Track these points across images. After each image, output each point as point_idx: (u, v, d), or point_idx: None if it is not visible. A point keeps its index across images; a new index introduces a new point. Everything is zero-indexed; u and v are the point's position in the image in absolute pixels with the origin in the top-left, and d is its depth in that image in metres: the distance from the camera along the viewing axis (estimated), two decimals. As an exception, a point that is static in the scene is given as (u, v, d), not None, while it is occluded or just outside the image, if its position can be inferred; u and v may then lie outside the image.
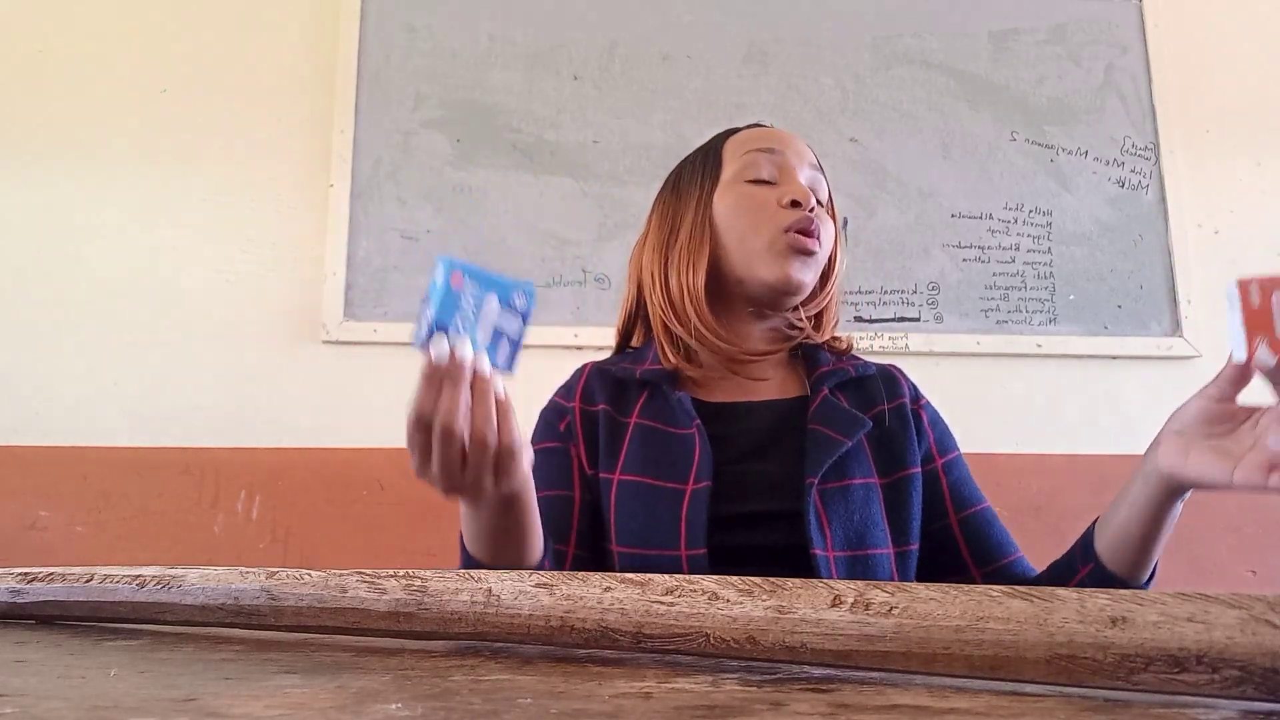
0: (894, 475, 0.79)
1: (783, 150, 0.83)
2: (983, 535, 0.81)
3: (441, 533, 1.60)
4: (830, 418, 0.79)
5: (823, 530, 0.73)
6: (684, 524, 0.72)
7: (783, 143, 0.84)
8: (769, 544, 0.74)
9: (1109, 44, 1.98)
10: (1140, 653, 0.29)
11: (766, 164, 0.82)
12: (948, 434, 0.86)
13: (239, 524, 1.58)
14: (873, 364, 0.88)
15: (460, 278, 0.55)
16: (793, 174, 0.82)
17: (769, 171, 0.82)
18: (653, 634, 0.38)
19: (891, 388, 0.85)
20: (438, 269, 0.55)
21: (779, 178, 0.82)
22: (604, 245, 1.74)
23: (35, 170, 1.69)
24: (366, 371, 1.67)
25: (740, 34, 1.88)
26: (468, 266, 0.55)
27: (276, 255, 1.70)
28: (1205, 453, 0.61)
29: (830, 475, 0.75)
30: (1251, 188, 1.96)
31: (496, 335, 0.58)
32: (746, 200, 0.82)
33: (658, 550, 0.73)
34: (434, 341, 0.54)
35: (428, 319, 0.54)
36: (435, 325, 0.54)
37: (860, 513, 0.75)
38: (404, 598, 0.45)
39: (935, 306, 1.81)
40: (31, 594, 0.57)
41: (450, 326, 0.55)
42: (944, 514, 0.81)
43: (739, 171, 0.83)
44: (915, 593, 0.34)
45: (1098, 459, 1.71)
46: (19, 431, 1.60)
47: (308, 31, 1.79)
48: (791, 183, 0.81)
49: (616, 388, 0.84)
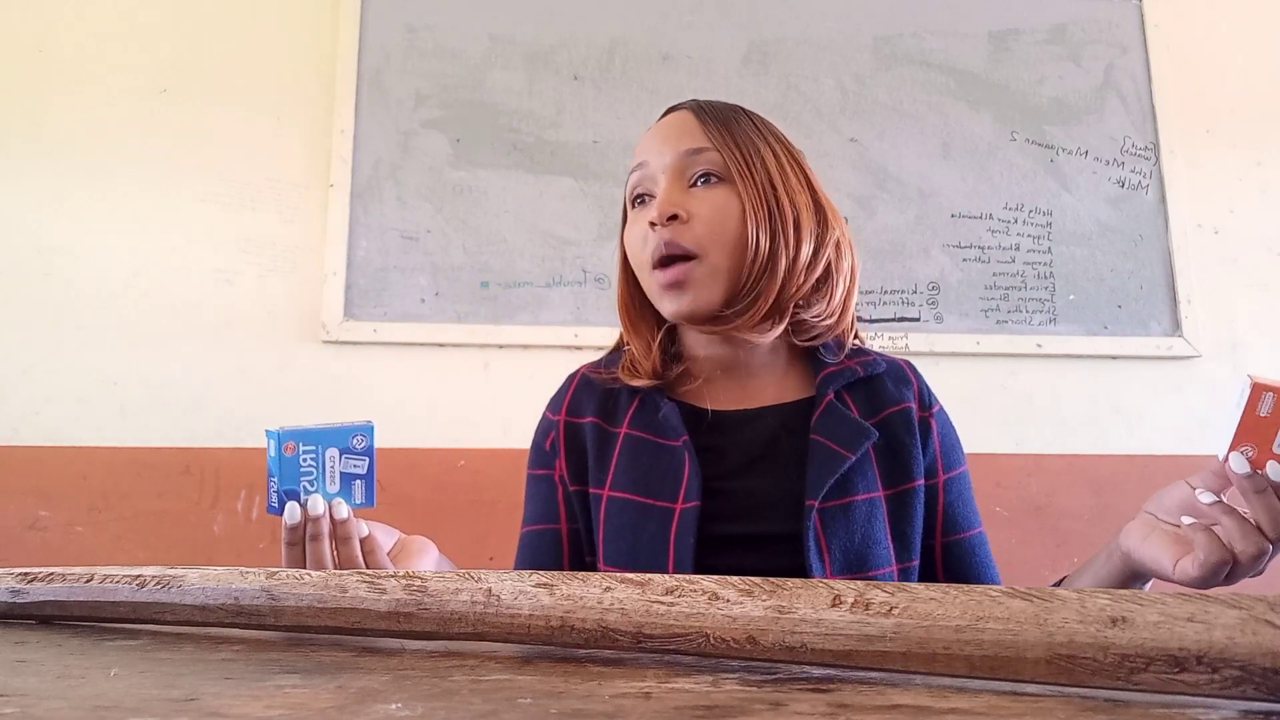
0: (898, 487, 0.75)
1: (646, 159, 0.77)
2: (963, 564, 0.78)
3: (442, 533, 1.60)
4: (834, 429, 0.74)
5: (821, 554, 0.69)
6: (672, 547, 0.70)
7: (648, 148, 0.77)
8: (764, 568, 0.71)
9: (1109, 44, 1.98)
10: (1140, 653, 0.29)
11: (641, 180, 0.77)
12: (955, 448, 0.81)
13: (239, 524, 1.58)
14: (882, 359, 0.82)
15: (292, 445, 0.60)
16: (659, 183, 0.75)
17: (645, 185, 0.77)
18: (653, 634, 0.38)
19: (900, 387, 0.80)
20: (269, 444, 0.60)
21: (652, 188, 0.76)
22: (604, 245, 1.74)
23: (35, 170, 1.69)
24: (366, 371, 1.67)
25: (740, 34, 1.88)
26: (295, 432, 0.61)
27: (276, 255, 1.70)
28: (1163, 538, 0.59)
29: (832, 493, 0.71)
30: (1251, 188, 1.96)
31: (346, 479, 0.63)
32: (629, 231, 0.79)
33: (645, 573, 0.71)
34: (287, 509, 0.60)
35: (275, 490, 0.60)
36: (283, 494, 0.60)
37: (862, 531, 0.71)
38: (404, 598, 0.45)
39: (935, 306, 1.81)
40: (31, 594, 0.57)
41: (298, 490, 0.60)
42: (931, 532, 0.78)
43: (627, 195, 0.79)
44: (915, 593, 0.34)
45: (1098, 459, 1.71)
46: (19, 431, 1.60)
47: (308, 32, 1.79)
48: (655, 199, 0.75)
49: (606, 396, 0.81)
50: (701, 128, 0.76)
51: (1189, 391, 1.84)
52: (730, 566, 0.70)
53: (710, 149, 0.74)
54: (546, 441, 0.82)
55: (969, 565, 0.78)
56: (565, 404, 0.83)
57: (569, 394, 0.83)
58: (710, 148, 0.74)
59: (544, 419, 0.85)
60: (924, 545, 0.77)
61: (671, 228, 0.72)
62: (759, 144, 0.76)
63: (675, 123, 0.78)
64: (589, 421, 0.80)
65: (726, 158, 0.74)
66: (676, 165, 0.75)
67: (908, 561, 0.74)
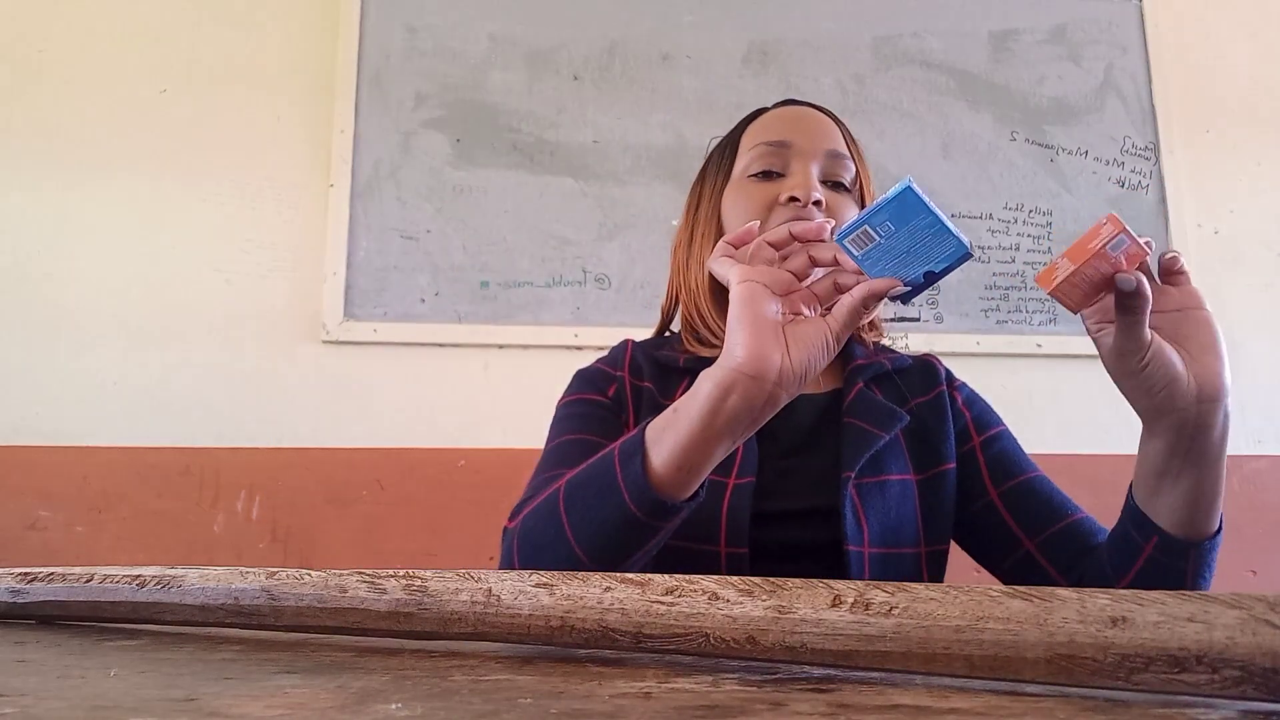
0: (930, 471, 0.77)
1: (791, 141, 0.79)
2: (1030, 503, 0.76)
3: (441, 533, 1.60)
4: (866, 411, 0.77)
5: (860, 525, 0.71)
6: (725, 520, 0.70)
7: (795, 131, 0.80)
8: (806, 540, 0.72)
9: (1109, 44, 1.98)
10: (1140, 653, 0.29)
11: (774, 157, 0.79)
12: (987, 411, 0.83)
13: (239, 524, 1.58)
14: (909, 356, 0.86)
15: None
16: (800, 166, 0.78)
17: (778, 164, 0.79)
18: (653, 634, 0.38)
19: (929, 379, 0.83)
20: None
21: (788, 169, 0.79)
22: (604, 245, 1.74)
23: (35, 170, 1.69)
24: (366, 371, 1.67)
25: (740, 34, 1.88)
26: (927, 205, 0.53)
27: (276, 255, 1.70)
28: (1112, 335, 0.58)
29: (867, 470, 0.73)
30: (1251, 188, 1.96)
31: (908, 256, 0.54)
32: (745, 198, 0.79)
33: (697, 544, 0.69)
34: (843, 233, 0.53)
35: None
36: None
37: (897, 509, 0.73)
38: (404, 598, 0.45)
39: (935, 306, 1.81)
40: (31, 594, 0.57)
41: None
42: (983, 492, 0.77)
43: (746, 166, 0.81)
44: (915, 593, 0.34)
45: (1098, 459, 1.71)
46: (19, 431, 1.60)
47: (308, 31, 1.79)
48: (795, 175, 0.78)
49: (659, 369, 0.81)
50: (842, 136, 0.81)
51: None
52: (775, 540, 0.71)
53: (849, 158, 0.80)
54: (610, 388, 0.80)
55: (1038, 501, 0.76)
56: (627, 364, 0.82)
57: (628, 356, 0.83)
58: (849, 157, 0.80)
59: (601, 370, 0.83)
60: (980, 508, 0.77)
61: (812, 210, 0.75)
62: (869, 167, 0.84)
63: (821, 120, 0.82)
64: (647, 386, 0.80)
65: (859, 172, 0.81)
66: (820, 160, 0.78)
67: (936, 545, 0.76)
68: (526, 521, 0.63)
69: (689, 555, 0.69)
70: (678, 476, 0.54)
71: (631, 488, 0.55)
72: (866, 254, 0.53)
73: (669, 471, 0.54)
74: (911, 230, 0.52)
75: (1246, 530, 1.77)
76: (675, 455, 0.54)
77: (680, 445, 0.54)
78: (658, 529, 0.56)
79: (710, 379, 0.53)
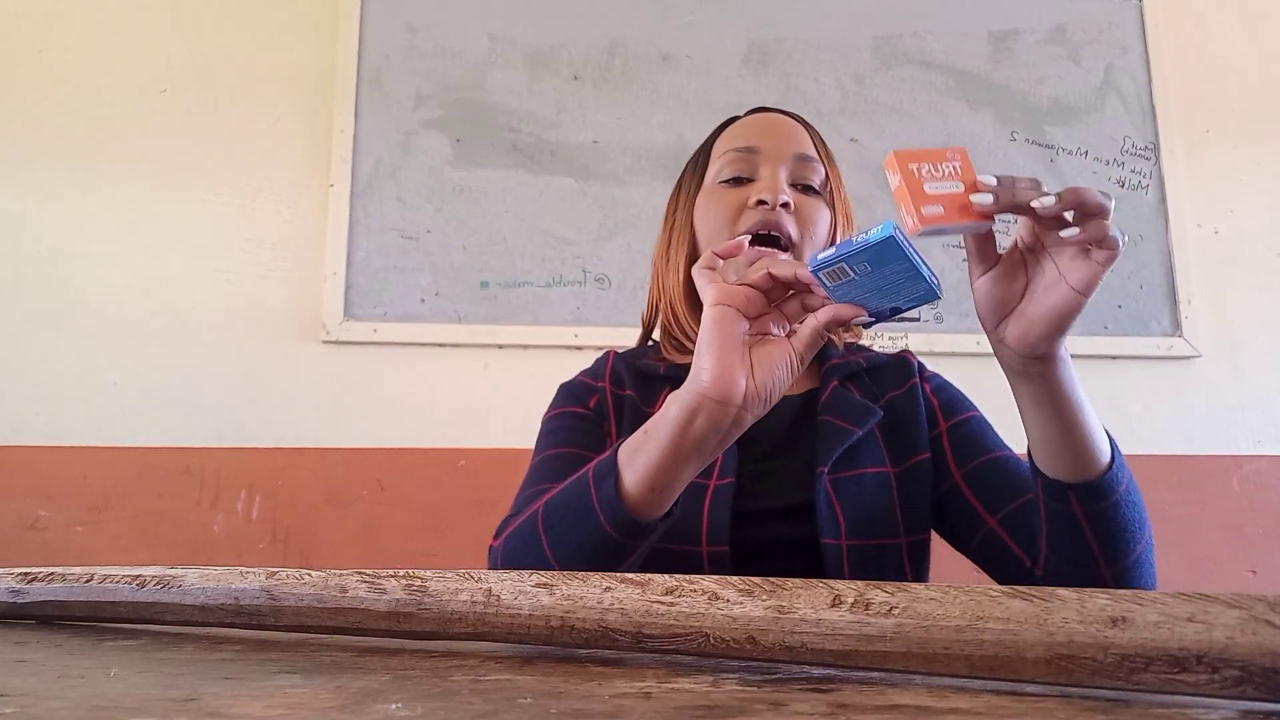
0: (906, 463, 0.78)
1: (759, 146, 0.81)
2: (993, 480, 0.76)
3: (441, 533, 1.60)
4: (840, 409, 0.78)
5: (836, 518, 0.72)
6: (706, 520, 0.71)
7: (762, 136, 0.82)
8: (785, 537, 0.73)
9: (1109, 44, 1.98)
10: (1140, 653, 0.29)
11: (742, 163, 0.81)
12: (958, 398, 0.83)
13: (239, 524, 1.58)
14: (885, 354, 0.87)
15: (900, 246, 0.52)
16: (769, 170, 0.80)
17: (747, 169, 0.80)
18: (653, 634, 0.38)
19: (902, 374, 0.84)
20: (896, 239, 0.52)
21: (756, 174, 0.80)
22: (604, 245, 1.74)
23: (35, 170, 1.69)
24: (366, 371, 1.67)
25: (740, 34, 1.88)
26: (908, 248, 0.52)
27: (276, 255, 1.70)
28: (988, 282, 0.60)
29: (842, 464, 0.75)
30: (1251, 188, 1.96)
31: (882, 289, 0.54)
32: (716, 204, 0.81)
33: (679, 545, 0.71)
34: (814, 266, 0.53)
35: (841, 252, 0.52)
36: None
37: (873, 502, 0.74)
38: (404, 598, 0.45)
39: (935, 306, 1.81)
40: (31, 594, 0.57)
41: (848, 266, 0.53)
42: (949, 474, 0.78)
43: (717, 173, 0.82)
44: (915, 593, 0.34)
45: (1098, 459, 1.71)
46: (19, 431, 1.60)
47: (308, 32, 1.79)
48: (763, 180, 0.79)
49: (641, 378, 0.83)
50: (811, 140, 0.84)
51: (1189, 391, 1.84)
52: (756, 537, 0.72)
53: (819, 162, 0.83)
54: (591, 399, 0.83)
55: (1001, 479, 0.76)
56: (608, 374, 0.84)
57: (609, 367, 0.85)
58: (819, 160, 0.83)
59: (582, 382, 0.85)
60: (946, 490, 0.78)
61: (780, 213, 0.77)
62: (839, 170, 0.87)
63: (789, 126, 0.84)
64: (629, 394, 0.82)
65: (829, 175, 0.83)
66: (788, 164, 0.80)
67: (916, 535, 0.76)
68: (509, 541, 0.66)
69: (672, 556, 0.71)
70: (650, 496, 0.56)
71: (606, 509, 0.57)
72: (839, 287, 0.54)
73: (641, 492, 0.56)
74: (886, 273, 0.53)
75: (1246, 530, 1.77)
76: (647, 476, 0.56)
77: (651, 466, 0.56)
78: (634, 547, 0.58)
79: (677, 402, 0.55)
